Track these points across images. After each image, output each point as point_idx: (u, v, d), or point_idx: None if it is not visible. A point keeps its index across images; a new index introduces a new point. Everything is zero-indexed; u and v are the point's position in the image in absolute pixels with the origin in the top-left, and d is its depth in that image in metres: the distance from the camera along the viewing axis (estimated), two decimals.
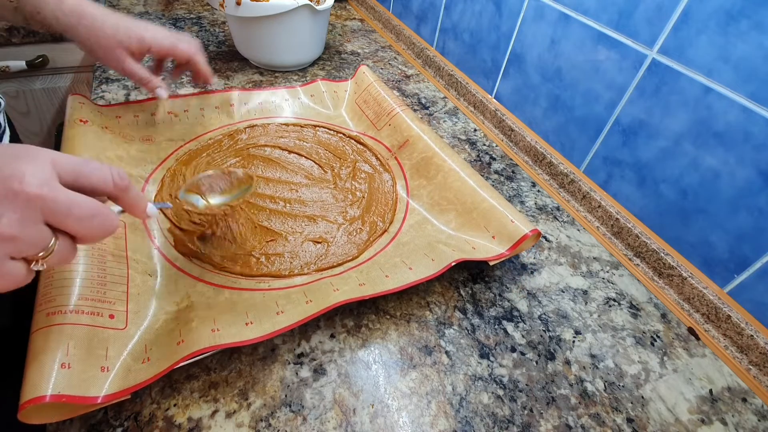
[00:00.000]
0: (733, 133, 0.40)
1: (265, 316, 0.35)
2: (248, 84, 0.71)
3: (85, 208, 0.24)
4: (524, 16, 0.60)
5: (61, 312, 0.31)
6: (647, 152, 0.48)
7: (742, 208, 0.41)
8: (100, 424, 0.31)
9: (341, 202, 0.50)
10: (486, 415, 0.35)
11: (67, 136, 0.46)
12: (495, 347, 0.40)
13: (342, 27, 0.97)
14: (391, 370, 0.37)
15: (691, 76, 0.42)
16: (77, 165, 0.25)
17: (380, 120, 0.59)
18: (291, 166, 0.53)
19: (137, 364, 0.31)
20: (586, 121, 0.55)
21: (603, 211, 0.53)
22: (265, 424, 0.32)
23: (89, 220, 0.25)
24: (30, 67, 0.81)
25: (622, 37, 0.48)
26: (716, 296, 0.43)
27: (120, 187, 0.27)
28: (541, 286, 0.46)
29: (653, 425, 0.36)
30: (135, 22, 0.47)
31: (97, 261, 0.36)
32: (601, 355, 0.40)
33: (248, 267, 0.41)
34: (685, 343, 0.42)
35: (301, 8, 0.66)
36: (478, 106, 0.72)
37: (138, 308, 0.35)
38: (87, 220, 0.24)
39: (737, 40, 0.38)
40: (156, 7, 0.90)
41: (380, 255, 0.44)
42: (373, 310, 0.41)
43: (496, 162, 0.62)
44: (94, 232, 0.25)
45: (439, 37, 0.80)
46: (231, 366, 0.35)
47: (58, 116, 0.90)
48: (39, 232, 0.23)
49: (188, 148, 0.53)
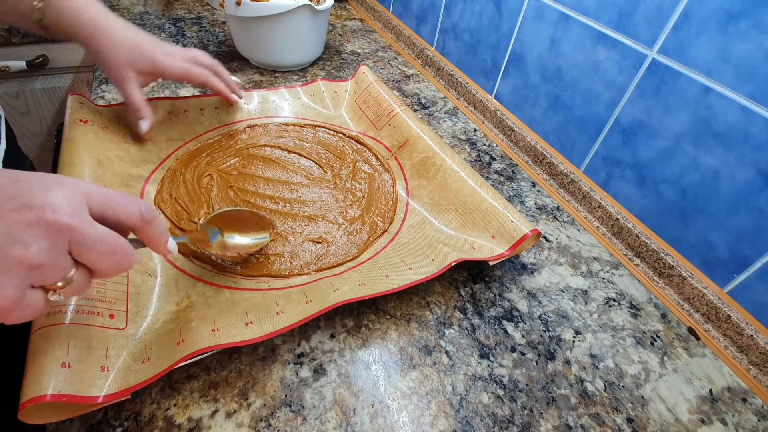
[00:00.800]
0: (733, 133, 0.40)
1: (265, 316, 0.35)
2: (248, 84, 0.71)
3: (108, 245, 0.25)
4: (524, 16, 0.60)
5: (61, 311, 0.31)
6: (647, 152, 0.48)
7: (742, 208, 0.41)
8: (100, 424, 0.31)
9: (341, 202, 0.50)
10: (486, 415, 0.35)
11: (67, 136, 0.46)
12: (495, 347, 0.40)
13: (342, 27, 0.97)
14: (391, 370, 0.37)
15: (691, 76, 0.42)
16: (109, 199, 0.26)
17: (380, 120, 0.59)
18: (291, 166, 0.53)
19: (137, 364, 0.31)
20: (586, 121, 0.55)
21: (603, 211, 0.53)
22: (265, 424, 0.32)
23: (110, 256, 0.25)
24: (30, 67, 0.81)
25: (622, 37, 0.48)
26: (716, 296, 0.43)
27: (146, 221, 0.27)
28: (541, 286, 0.46)
29: (653, 425, 0.36)
30: (152, 43, 0.47)
31: None
32: (601, 355, 0.40)
33: (248, 267, 0.41)
34: (685, 343, 0.42)
35: (301, 8, 0.66)
36: (478, 106, 0.72)
37: (138, 308, 0.35)
38: (108, 255, 0.25)
39: (737, 40, 0.38)
40: (156, 7, 0.90)
41: (380, 255, 0.44)
42: (373, 310, 0.41)
43: (496, 162, 0.62)
44: (112, 268, 0.26)
45: (439, 37, 0.80)
46: (231, 366, 0.35)
47: (58, 116, 0.90)
48: (63, 261, 0.23)
49: (188, 147, 0.53)
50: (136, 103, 0.47)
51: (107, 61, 0.44)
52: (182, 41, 0.79)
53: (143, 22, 0.84)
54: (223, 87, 0.53)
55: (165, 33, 0.81)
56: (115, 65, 0.45)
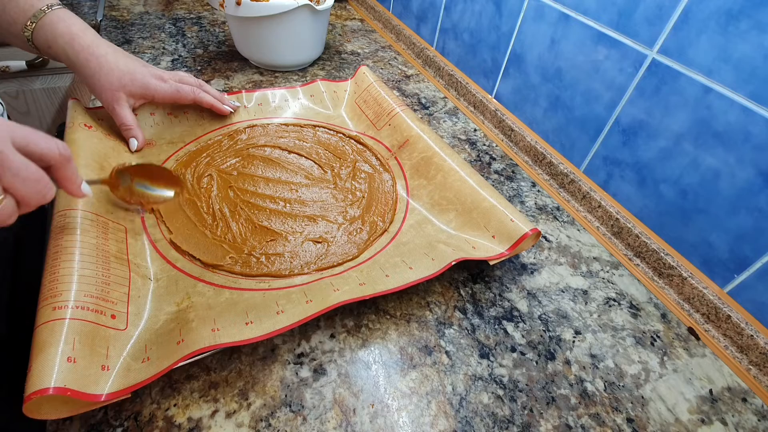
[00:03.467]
0: (733, 133, 0.40)
1: (265, 316, 0.35)
2: (248, 84, 0.71)
3: (32, 173, 0.27)
4: (524, 16, 0.60)
5: (67, 307, 0.31)
6: (647, 152, 0.48)
7: (742, 208, 0.41)
8: (100, 424, 0.31)
9: (341, 202, 0.50)
10: (486, 415, 0.35)
11: (69, 138, 0.46)
12: (495, 347, 0.40)
13: (342, 27, 0.97)
14: (391, 370, 0.37)
15: (691, 76, 0.42)
16: (30, 133, 0.28)
17: (380, 120, 0.60)
18: (291, 166, 0.53)
19: (137, 363, 0.31)
20: (586, 121, 0.55)
21: (603, 211, 0.53)
22: (265, 424, 0.32)
23: (34, 183, 0.28)
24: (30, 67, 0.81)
25: (622, 37, 0.48)
26: (716, 296, 0.43)
27: (65, 157, 0.30)
28: (541, 286, 0.46)
29: (653, 425, 0.36)
30: (143, 67, 0.49)
31: (101, 261, 0.36)
32: (601, 355, 0.40)
33: (248, 267, 0.41)
34: (685, 343, 0.42)
35: (301, 8, 0.66)
36: (478, 106, 0.72)
37: (138, 310, 0.35)
38: (32, 182, 0.28)
39: (737, 40, 0.38)
40: (156, 7, 0.90)
41: (380, 255, 0.44)
42: (373, 310, 0.41)
43: (496, 162, 0.62)
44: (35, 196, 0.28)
45: (439, 37, 0.80)
46: (231, 366, 0.35)
47: (59, 116, 0.90)
48: None
49: (188, 149, 0.53)
50: (127, 123, 0.49)
51: (101, 86, 0.46)
52: (182, 41, 0.79)
53: (143, 22, 0.84)
54: (214, 100, 0.55)
55: (165, 33, 0.81)
56: (108, 89, 0.47)
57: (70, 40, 0.44)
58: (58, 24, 0.43)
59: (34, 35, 0.43)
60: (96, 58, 0.45)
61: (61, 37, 0.43)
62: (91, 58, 0.45)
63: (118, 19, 0.84)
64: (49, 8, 0.43)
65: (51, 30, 0.43)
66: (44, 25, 0.43)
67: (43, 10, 0.43)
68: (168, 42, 0.78)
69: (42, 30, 0.43)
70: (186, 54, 0.75)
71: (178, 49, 0.77)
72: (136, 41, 0.77)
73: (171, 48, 0.77)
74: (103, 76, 0.46)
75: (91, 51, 0.45)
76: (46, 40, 0.43)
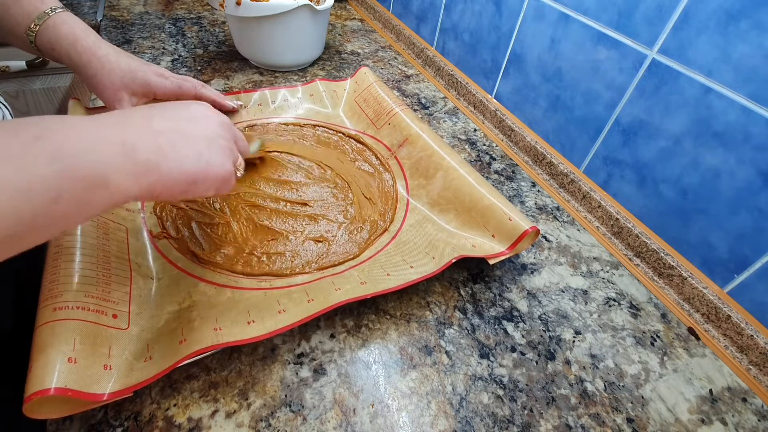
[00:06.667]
0: (733, 133, 0.40)
1: (267, 315, 0.35)
2: (248, 84, 0.71)
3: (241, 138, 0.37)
4: (524, 16, 0.60)
5: (68, 307, 0.31)
6: (647, 152, 0.48)
7: (742, 208, 0.41)
8: (100, 424, 0.31)
9: (342, 201, 0.50)
10: (486, 415, 0.35)
11: None
12: (495, 347, 0.40)
13: (342, 27, 0.97)
14: (391, 370, 0.37)
15: (691, 76, 0.42)
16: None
17: (380, 119, 0.60)
18: (291, 165, 0.53)
19: (139, 362, 0.31)
20: (586, 121, 0.55)
21: (603, 211, 0.53)
22: (265, 424, 0.32)
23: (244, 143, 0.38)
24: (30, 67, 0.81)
25: (622, 37, 0.48)
26: (716, 296, 0.44)
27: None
28: (541, 286, 0.46)
29: (653, 425, 0.36)
30: (144, 66, 0.49)
31: (102, 261, 0.36)
32: (601, 355, 0.40)
33: (249, 266, 0.41)
34: (685, 343, 0.43)
35: (301, 8, 0.66)
36: (478, 106, 0.72)
37: (140, 310, 0.35)
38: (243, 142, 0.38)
39: (737, 40, 0.38)
40: (156, 7, 0.90)
41: (381, 254, 0.44)
42: (373, 310, 0.41)
43: (496, 162, 0.62)
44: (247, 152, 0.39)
45: (439, 37, 0.80)
46: (231, 366, 0.35)
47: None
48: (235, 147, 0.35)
49: None
50: None
51: (103, 85, 0.47)
52: (182, 41, 0.79)
53: (143, 22, 0.84)
54: (216, 94, 0.55)
55: (165, 33, 0.81)
56: (110, 88, 0.47)
57: (73, 42, 0.44)
58: (61, 27, 0.43)
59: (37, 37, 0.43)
60: (98, 58, 0.45)
61: (64, 39, 0.44)
62: (93, 58, 0.45)
63: (118, 19, 0.84)
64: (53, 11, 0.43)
65: (54, 32, 0.43)
66: (48, 27, 0.43)
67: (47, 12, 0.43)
68: (168, 42, 0.78)
69: (45, 32, 0.43)
70: (186, 54, 0.75)
71: (178, 49, 0.77)
72: (136, 41, 0.77)
73: (171, 48, 0.77)
74: (105, 75, 0.46)
75: (92, 52, 0.45)
76: (50, 43, 0.44)
